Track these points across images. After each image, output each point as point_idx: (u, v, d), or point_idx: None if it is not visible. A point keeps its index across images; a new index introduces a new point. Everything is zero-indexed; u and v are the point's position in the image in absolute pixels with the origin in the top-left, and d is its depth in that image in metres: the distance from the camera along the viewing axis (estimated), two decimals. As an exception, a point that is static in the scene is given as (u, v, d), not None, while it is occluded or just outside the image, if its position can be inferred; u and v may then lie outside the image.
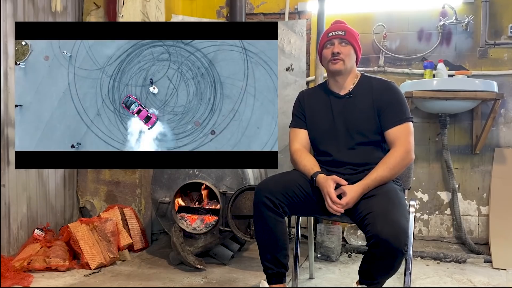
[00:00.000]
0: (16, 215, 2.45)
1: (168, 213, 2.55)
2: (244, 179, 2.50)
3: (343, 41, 1.84)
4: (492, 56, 2.96)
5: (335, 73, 1.86)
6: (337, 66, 1.83)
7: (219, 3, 3.42)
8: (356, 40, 1.87)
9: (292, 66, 3.19)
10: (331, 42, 1.86)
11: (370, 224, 1.54)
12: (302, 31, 3.17)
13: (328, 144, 1.86)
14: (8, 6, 2.38)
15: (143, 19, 2.81)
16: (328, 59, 1.85)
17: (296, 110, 1.98)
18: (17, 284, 2.11)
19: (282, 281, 1.81)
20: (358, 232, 2.96)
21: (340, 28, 1.86)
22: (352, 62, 1.87)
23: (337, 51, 1.82)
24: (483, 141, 2.88)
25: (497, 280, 2.42)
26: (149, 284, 2.21)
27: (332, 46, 1.85)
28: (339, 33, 1.85)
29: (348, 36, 1.84)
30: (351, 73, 1.89)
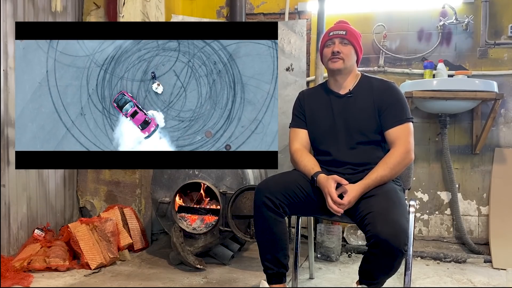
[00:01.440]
0: (16, 215, 2.45)
1: (168, 213, 2.55)
2: (244, 179, 2.50)
3: (344, 40, 1.85)
4: (492, 56, 2.96)
5: (335, 72, 1.87)
6: (337, 65, 1.84)
7: (219, 3, 3.42)
8: (357, 40, 1.88)
9: (292, 66, 3.19)
10: (332, 41, 1.87)
11: (370, 224, 1.54)
12: (302, 31, 3.17)
13: (328, 143, 1.86)
14: (8, 6, 2.38)
15: (143, 19, 2.81)
16: (328, 58, 1.87)
17: (296, 110, 1.98)
18: (17, 284, 2.11)
19: (282, 281, 1.81)
20: (358, 232, 2.96)
21: (341, 27, 1.87)
22: (352, 61, 1.88)
23: (337, 50, 1.83)
24: (483, 141, 2.88)
25: (497, 280, 2.42)
26: (149, 284, 2.21)
27: (332, 45, 1.86)
28: (340, 32, 1.86)
29: (349, 36, 1.85)
30: (351, 72, 1.89)
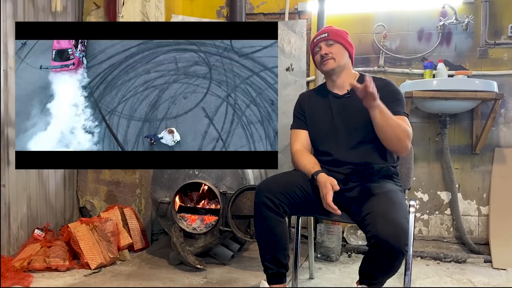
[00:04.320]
0: (16, 215, 2.45)
1: (168, 213, 2.55)
2: (244, 179, 2.50)
3: (329, 41, 1.89)
4: (492, 56, 2.96)
5: (329, 73, 1.90)
6: (328, 65, 1.87)
7: (219, 3, 3.42)
8: (342, 37, 1.90)
9: (292, 66, 3.19)
10: (318, 46, 1.91)
11: (370, 224, 1.54)
12: (302, 31, 3.17)
13: (329, 144, 1.86)
14: (8, 6, 2.38)
15: (143, 19, 2.81)
16: (319, 62, 1.91)
17: (297, 111, 2.00)
18: (17, 284, 2.11)
19: (282, 281, 1.81)
20: (358, 232, 2.96)
21: (323, 31, 1.92)
22: (345, 59, 1.90)
23: (324, 52, 1.87)
24: (483, 141, 2.88)
25: (497, 280, 2.42)
26: (149, 284, 2.21)
27: (320, 50, 1.90)
28: (322, 35, 1.90)
29: (333, 35, 1.89)
30: (346, 70, 1.91)
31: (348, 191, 1.77)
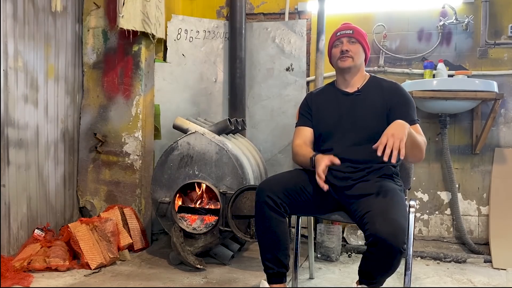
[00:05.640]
0: (16, 215, 2.45)
1: (168, 213, 2.55)
2: (244, 179, 2.50)
3: (352, 39, 1.90)
4: (492, 56, 2.96)
5: (344, 70, 1.90)
6: (346, 63, 1.87)
7: (219, 3, 3.42)
8: (364, 39, 1.93)
9: (292, 66, 3.19)
10: (340, 40, 1.91)
11: (369, 223, 1.54)
12: (302, 31, 3.18)
13: (333, 140, 1.87)
14: (8, 6, 2.38)
15: (143, 19, 2.81)
16: (337, 57, 1.90)
17: (303, 109, 2.01)
18: (17, 284, 2.11)
19: (282, 281, 1.81)
20: (358, 232, 2.97)
21: (348, 27, 1.92)
22: (361, 60, 1.92)
23: (345, 48, 1.88)
24: (483, 141, 2.88)
25: (497, 280, 2.42)
26: (149, 284, 2.21)
27: (341, 45, 1.90)
28: (347, 32, 1.90)
29: (357, 34, 1.90)
30: (360, 71, 1.93)
31: (347, 189, 1.77)
